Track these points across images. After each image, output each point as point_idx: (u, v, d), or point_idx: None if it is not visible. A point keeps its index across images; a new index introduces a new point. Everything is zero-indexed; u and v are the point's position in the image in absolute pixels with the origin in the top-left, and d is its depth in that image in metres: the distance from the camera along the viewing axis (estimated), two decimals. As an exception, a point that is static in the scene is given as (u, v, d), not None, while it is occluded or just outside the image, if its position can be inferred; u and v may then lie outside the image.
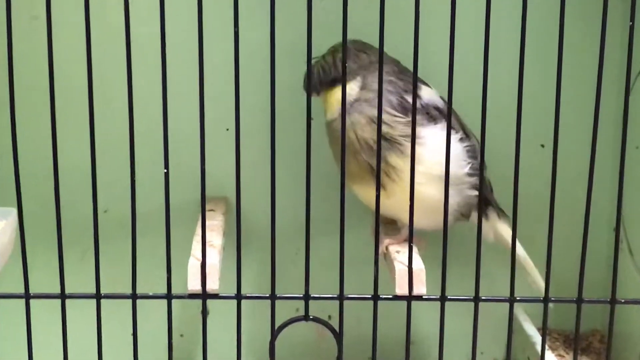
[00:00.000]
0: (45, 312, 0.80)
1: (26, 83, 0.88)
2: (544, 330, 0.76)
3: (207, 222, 0.79)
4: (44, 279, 0.81)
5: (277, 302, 0.75)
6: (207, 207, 0.81)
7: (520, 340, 0.99)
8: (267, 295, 0.74)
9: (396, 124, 0.84)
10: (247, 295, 0.75)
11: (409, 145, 0.76)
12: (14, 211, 0.81)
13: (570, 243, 0.94)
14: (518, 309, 1.03)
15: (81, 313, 0.77)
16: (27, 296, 0.73)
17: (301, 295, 0.75)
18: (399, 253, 0.81)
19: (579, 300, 0.75)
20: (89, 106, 0.71)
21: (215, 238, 0.84)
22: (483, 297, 0.75)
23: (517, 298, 0.76)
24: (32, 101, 0.91)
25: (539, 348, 0.88)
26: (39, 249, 0.87)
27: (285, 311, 0.78)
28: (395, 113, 0.84)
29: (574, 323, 0.76)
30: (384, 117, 0.82)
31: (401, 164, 0.83)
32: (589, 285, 0.77)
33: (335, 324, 0.76)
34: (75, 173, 0.90)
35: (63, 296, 0.74)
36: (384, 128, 0.82)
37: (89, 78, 0.70)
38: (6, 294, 0.74)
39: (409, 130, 0.79)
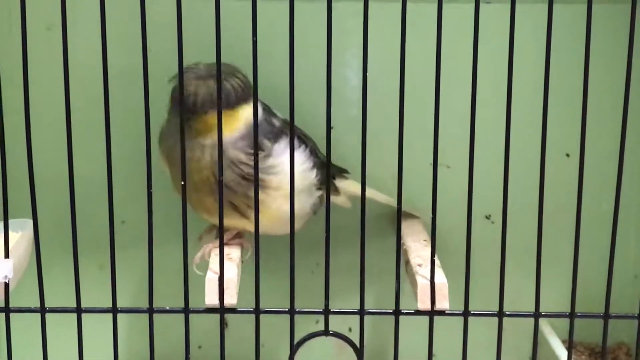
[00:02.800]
0: (62, 326, 0.79)
1: (42, 93, 0.87)
2: (570, 347, 0.75)
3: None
4: (60, 292, 0.80)
5: (296, 315, 0.74)
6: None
7: (544, 353, 0.98)
8: (287, 309, 0.73)
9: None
10: (266, 309, 0.74)
11: (268, 177, 0.82)
12: (29, 222, 0.80)
13: (596, 253, 0.93)
14: (542, 321, 1.01)
15: (97, 326, 0.77)
16: (42, 310, 0.73)
17: (321, 310, 0.74)
18: (420, 267, 0.79)
19: (606, 316, 0.74)
20: (105, 117, 0.70)
21: (234, 251, 0.83)
22: (507, 312, 0.74)
23: (543, 313, 0.74)
24: (48, 110, 0.91)
25: (564, 362, 0.86)
26: (56, 261, 0.87)
27: (304, 323, 0.77)
28: (252, 151, 0.81)
29: (599, 335, 0.76)
30: (245, 158, 0.82)
31: (263, 196, 0.82)
32: (615, 297, 0.76)
33: (355, 336, 0.75)
34: (93, 183, 0.90)
35: (79, 310, 0.73)
36: (245, 169, 0.82)
37: (104, 87, 0.69)
38: (22, 308, 0.73)
39: (266, 162, 0.83)
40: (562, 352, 0.94)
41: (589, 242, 0.88)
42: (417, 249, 0.86)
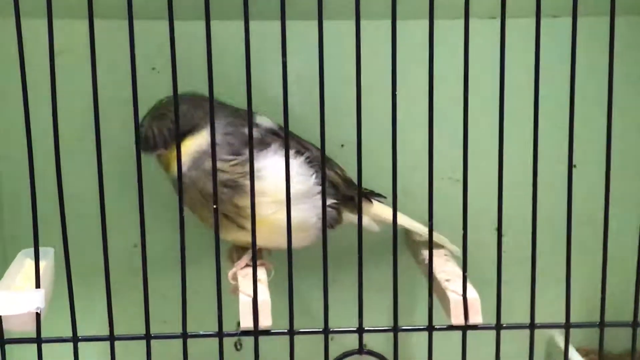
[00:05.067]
0: (91, 354, 0.78)
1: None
2: (600, 357, 0.75)
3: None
4: (81, 318, 0.79)
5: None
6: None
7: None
8: (321, 329, 0.73)
9: (232, 168, 0.84)
10: (300, 330, 0.74)
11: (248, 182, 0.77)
12: (50, 251, 0.79)
13: (618, 261, 0.94)
14: (560, 330, 1.01)
15: (125, 351, 0.76)
16: (75, 339, 0.72)
17: (355, 329, 0.74)
18: (449, 282, 0.79)
19: (635, 324, 0.75)
20: (135, 144, 0.70)
21: (260, 272, 0.83)
22: (538, 324, 0.75)
23: (572, 324, 0.75)
24: (63, 135, 0.90)
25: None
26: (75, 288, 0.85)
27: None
28: (229, 158, 0.84)
29: (617, 344, 0.76)
30: (221, 165, 0.83)
31: (248, 202, 0.80)
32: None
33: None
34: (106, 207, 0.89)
35: (112, 338, 0.72)
36: (223, 176, 0.83)
37: (134, 110, 0.69)
38: (53, 338, 0.72)
39: (245, 167, 0.80)
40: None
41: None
42: (440, 264, 0.87)
